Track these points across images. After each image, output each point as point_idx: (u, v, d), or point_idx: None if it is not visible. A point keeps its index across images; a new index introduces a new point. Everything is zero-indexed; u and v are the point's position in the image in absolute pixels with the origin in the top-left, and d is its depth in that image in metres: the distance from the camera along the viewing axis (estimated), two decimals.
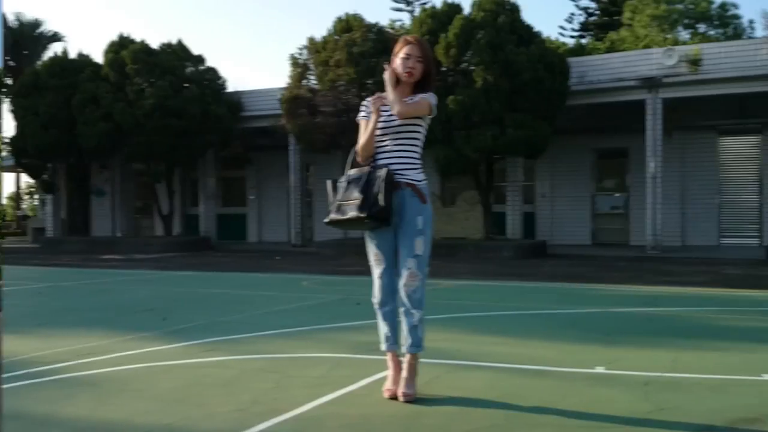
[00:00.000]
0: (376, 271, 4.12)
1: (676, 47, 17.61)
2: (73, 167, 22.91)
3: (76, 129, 20.69)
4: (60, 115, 20.78)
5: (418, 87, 4.07)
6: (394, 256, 4.09)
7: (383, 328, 4.14)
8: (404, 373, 4.05)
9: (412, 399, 3.95)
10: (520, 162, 18.46)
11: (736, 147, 18.69)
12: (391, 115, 4.02)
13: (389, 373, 4.12)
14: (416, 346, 4.03)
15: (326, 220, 4.14)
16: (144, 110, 19.43)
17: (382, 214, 3.92)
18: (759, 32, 31.37)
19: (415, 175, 4.05)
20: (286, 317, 7.35)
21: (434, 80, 4.14)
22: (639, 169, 18.89)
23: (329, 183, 4.18)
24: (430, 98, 4.02)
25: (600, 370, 4.79)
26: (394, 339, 4.09)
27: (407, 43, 4.05)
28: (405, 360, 4.07)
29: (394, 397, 3.98)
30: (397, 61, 4.04)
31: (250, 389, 4.32)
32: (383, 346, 4.15)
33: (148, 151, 20.41)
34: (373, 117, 4.02)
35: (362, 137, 4.06)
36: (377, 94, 4.07)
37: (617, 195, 20.00)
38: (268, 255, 17.80)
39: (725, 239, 18.46)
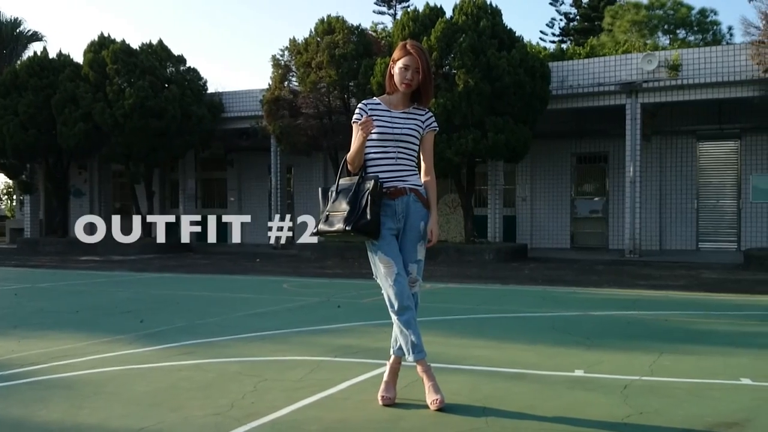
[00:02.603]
0: (390, 277, 3.90)
1: (656, 52, 17.75)
2: (52, 168, 22.68)
3: (55, 129, 20.53)
4: (39, 115, 20.61)
5: (415, 95, 4.05)
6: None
7: (410, 336, 3.91)
8: (432, 381, 3.96)
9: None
10: (500, 165, 18.53)
11: (715, 152, 18.87)
12: (392, 120, 3.97)
13: (386, 378, 4.07)
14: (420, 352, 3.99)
15: (314, 230, 4.09)
16: (123, 110, 19.30)
17: (368, 227, 3.85)
18: (738, 38, 31.80)
19: (417, 180, 4.03)
20: (265, 320, 7.30)
21: (432, 89, 4.07)
22: (618, 173, 19.05)
23: (320, 191, 4.12)
24: (431, 136, 4.09)
25: (579, 373, 4.80)
26: (422, 345, 3.94)
27: (407, 53, 3.96)
28: (420, 368, 3.98)
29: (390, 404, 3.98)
30: (396, 69, 3.99)
31: (228, 393, 4.27)
32: (414, 356, 3.92)
33: (127, 151, 20.29)
34: (361, 136, 3.88)
35: (351, 151, 3.97)
36: (367, 118, 3.90)
37: (596, 199, 20.12)
38: (248, 257, 17.71)
39: (703, 243, 18.62)
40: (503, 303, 8.96)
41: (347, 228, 3.84)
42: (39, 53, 22.15)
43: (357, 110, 4.04)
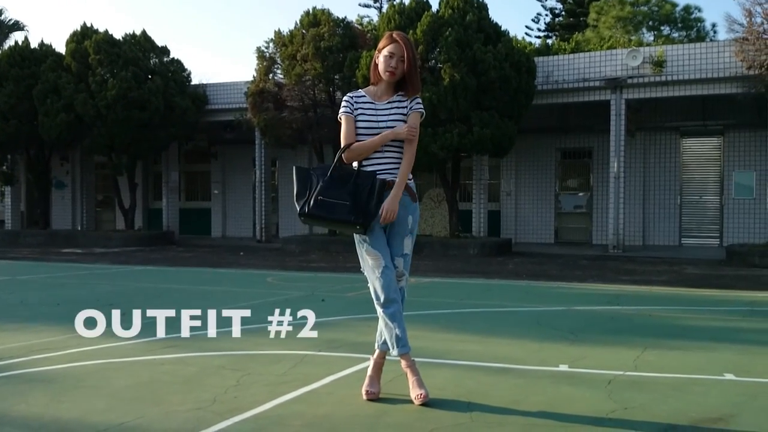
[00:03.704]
0: (378, 270, 3.88)
1: (641, 49, 17.80)
2: (34, 159, 22.44)
3: (36, 120, 20.29)
4: (20, 106, 20.36)
5: (399, 85, 4.00)
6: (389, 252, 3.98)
7: (395, 330, 3.88)
8: (416, 376, 3.94)
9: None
10: (485, 160, 18.54)
11: (698, 148, 18.95)
12: (376, 114, 3.93)
13: (370, 373, 4.05)
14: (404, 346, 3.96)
15: (303, 213, 3.87)
16: (106, 101, 19.11)
17: (370, 222, 3.84)
18: (721, 35, 31.96)
19: None
20: (248, 314, 7.24)
21: (417, 80, 3.98)
22: (602, 168, 19.11)
23: (295, 170, 3.97)
24: (415, 120, 3.96)
25: (563, 368, 4.80)
26: (407, 339, 3.91)
27: (392, 41, 3.94)
28: (405, 363, 3.95)
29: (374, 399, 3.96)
30: (380, 58, 3.96)
31: (210, 387, 4.23)
32: (398, 350, 3.89)
33: (109, 143, 20.08)
34: (382, 139, 3.86)
35: (360, 143, 3.90)
36: (411, 127, 3.88)
37: (581, 194, 20.17)
38: (232, 250, 17.63)
39: (686, 239, 18.72)
40: (488, 297, 8.96)
41: (356, 222, 3.80)
42: (20, 43, 21.86)
43: (344, 102, 4.02)
